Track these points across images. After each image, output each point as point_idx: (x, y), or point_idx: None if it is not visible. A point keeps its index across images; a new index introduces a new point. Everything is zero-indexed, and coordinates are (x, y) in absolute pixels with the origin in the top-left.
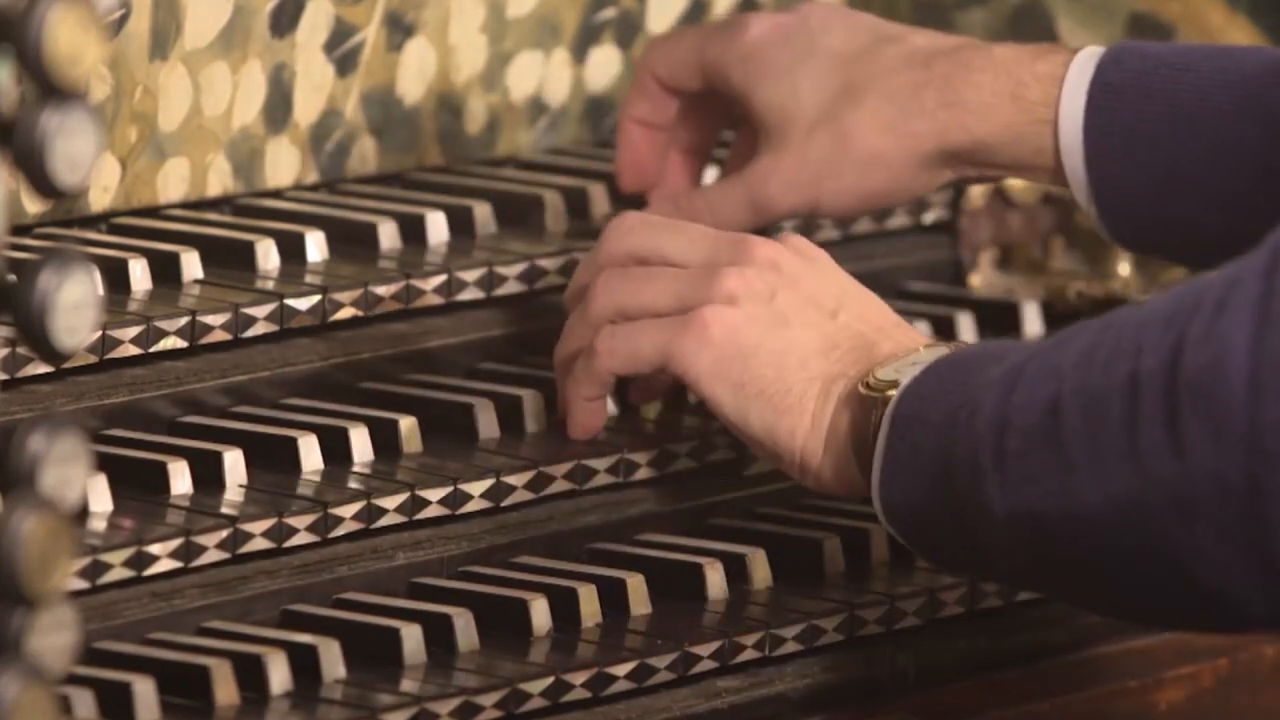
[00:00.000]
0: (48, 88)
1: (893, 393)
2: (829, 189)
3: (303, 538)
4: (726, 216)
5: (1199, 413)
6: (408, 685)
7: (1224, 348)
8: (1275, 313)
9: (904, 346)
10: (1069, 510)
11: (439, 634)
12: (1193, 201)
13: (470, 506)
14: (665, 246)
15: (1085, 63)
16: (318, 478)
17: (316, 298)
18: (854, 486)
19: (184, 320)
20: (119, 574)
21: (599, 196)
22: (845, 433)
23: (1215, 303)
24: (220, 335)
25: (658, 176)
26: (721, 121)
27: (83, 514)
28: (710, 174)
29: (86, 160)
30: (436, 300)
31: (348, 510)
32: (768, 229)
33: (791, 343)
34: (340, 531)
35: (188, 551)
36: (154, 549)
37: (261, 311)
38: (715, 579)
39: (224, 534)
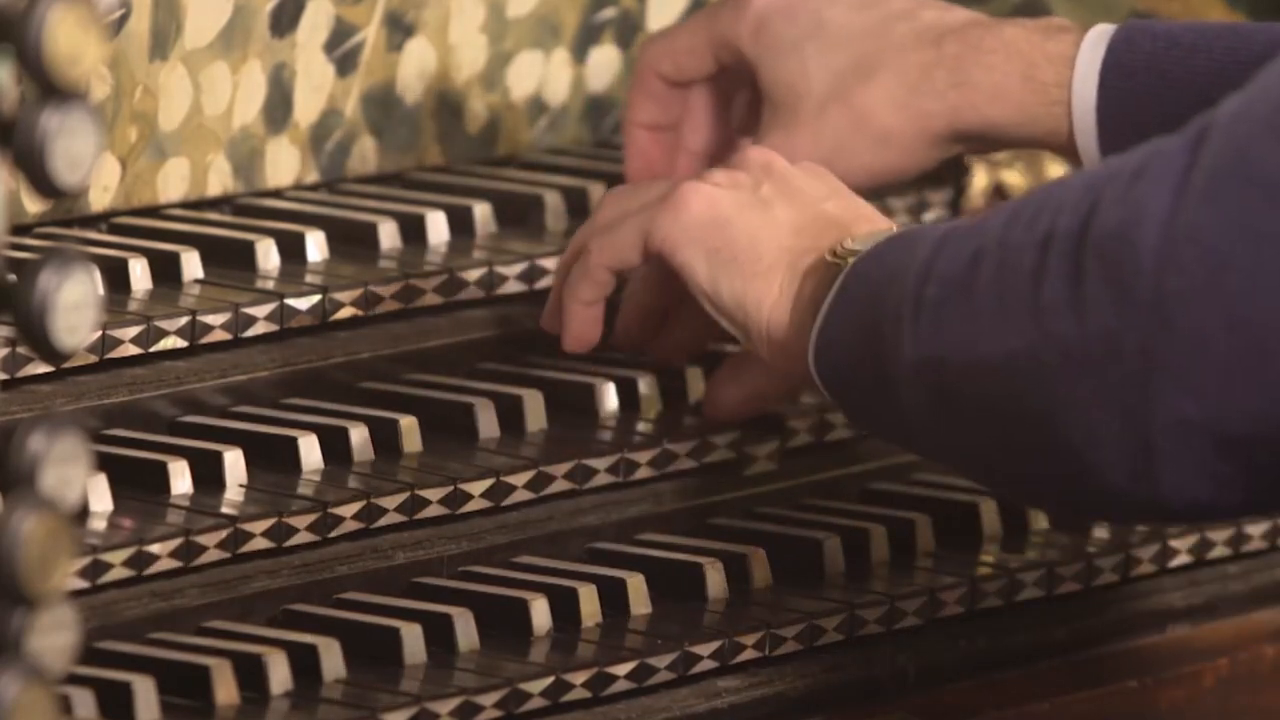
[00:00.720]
0: (48, 88)
1: (852, 258)
2: (841, 167)
3: (303, 537)
4: None
5: (1102, 274)
6: (408, 685)
7: (1136, 214)
8: (1195, 185)
9: (879, 226)
10: (968, 358)
11: (439, 634)
12: None
13: (470, 506)
14: (647, 192)
15: (1096, 42)
16: (318, 477)
17: (316, 297)
18: (805, 356)
19: (184, 320)
20: (119, 574)
21: (599, 196)
22: (806, 306)
23: (1133, 169)
24: (220, 335)
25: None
26: (727, 117)
27: (83, 514)
28: None
29: (86, 160)
30: (436, 300)
31: (348, 510)
32: None
33: (769, 219)
34: (340, 531)
35: (188, 551)
36: (154, 549)
37: (261, 311)
38: (715, 579)
39: (224, 534)
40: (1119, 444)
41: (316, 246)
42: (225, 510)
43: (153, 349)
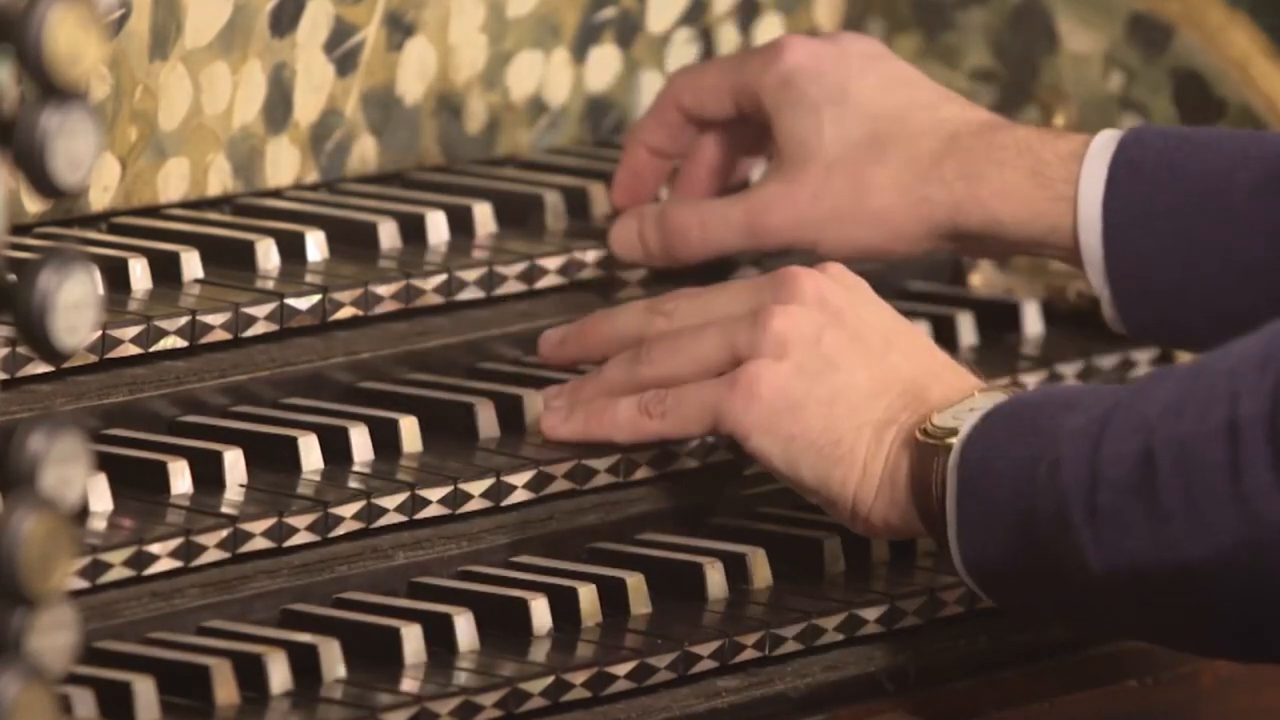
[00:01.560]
0: (48, 87)
1: (952, 440)
2: (832, 235)
3: (303, 537)
4: (716, 235)
5: None
6: (408, 685)
7: None
8: None
9: (956, 389)
10: (1170, 560)
11: (439, 634)
12: (1212, 279)
13: (470, 506)
14: (712, 307)
15: (1106, 141)
16: (318, 477)
17: (316, 297)
18: (912, 531)
19: (184, 320)
20: (119, 574)
21: (599, 196)
22: (904, 481)
23: None
24: (220, 335)
25: (648, 200)
26: (728, 167)
27: (83, 514)
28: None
29: (86, 160)
30: (436, 300)
31: (348, 510)
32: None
33: (839, 389)
34: (340, 531)
35: (188, 551)
36: (154, 549)
37: (261, 311)
38: (715, 579)
39: (224, 534)
40: None
41: (316, 246)
42: (225, 510)
43: (153, 349)
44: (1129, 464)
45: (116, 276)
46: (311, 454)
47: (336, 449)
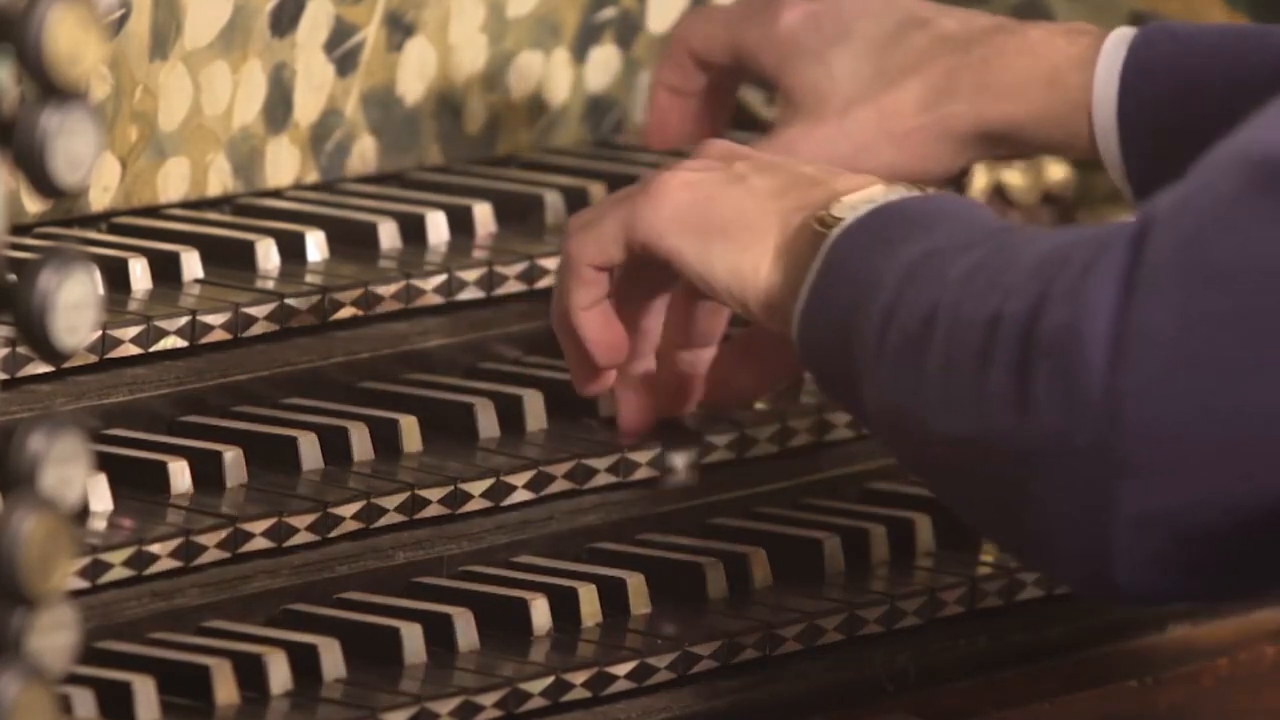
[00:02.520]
0: (48, 87)
1: (836, 228)
2: (863, 164)
3: (303, 537)
4: None
5: (1050, 370)
6: (408, 685)
7: (1084, 312)
8: (1141, 283)
9: (866, 182)
10: (921, 423)
11: (439, 634)
12: None
13: (470, 506)
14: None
15: (1117, 45)
16: (318, 477)
17: (316, 297)
18: None
19: (184, 320)
20: (119, 573)
21: (599, 196)
22: (798, 262)
23: (1082, 264)
24: (220, 335)
25: (681, 139)
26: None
27: (83, 514)
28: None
29: (86, 160)
30: (436, 300)
31: (348, 510)
32: None
33: (750, 189)
34: (340, 531)
35: (188, 551)
36: (154, 548)
37: (261, 311)
38: (715, 579)
39: (224, 533)
40: (1075, 534)
41: (316, 246)
42: (225, 510)
43: (153, 349)
44: (918, 317)
45: (116, 276)
46: (311, 454)
47: (336, 449)
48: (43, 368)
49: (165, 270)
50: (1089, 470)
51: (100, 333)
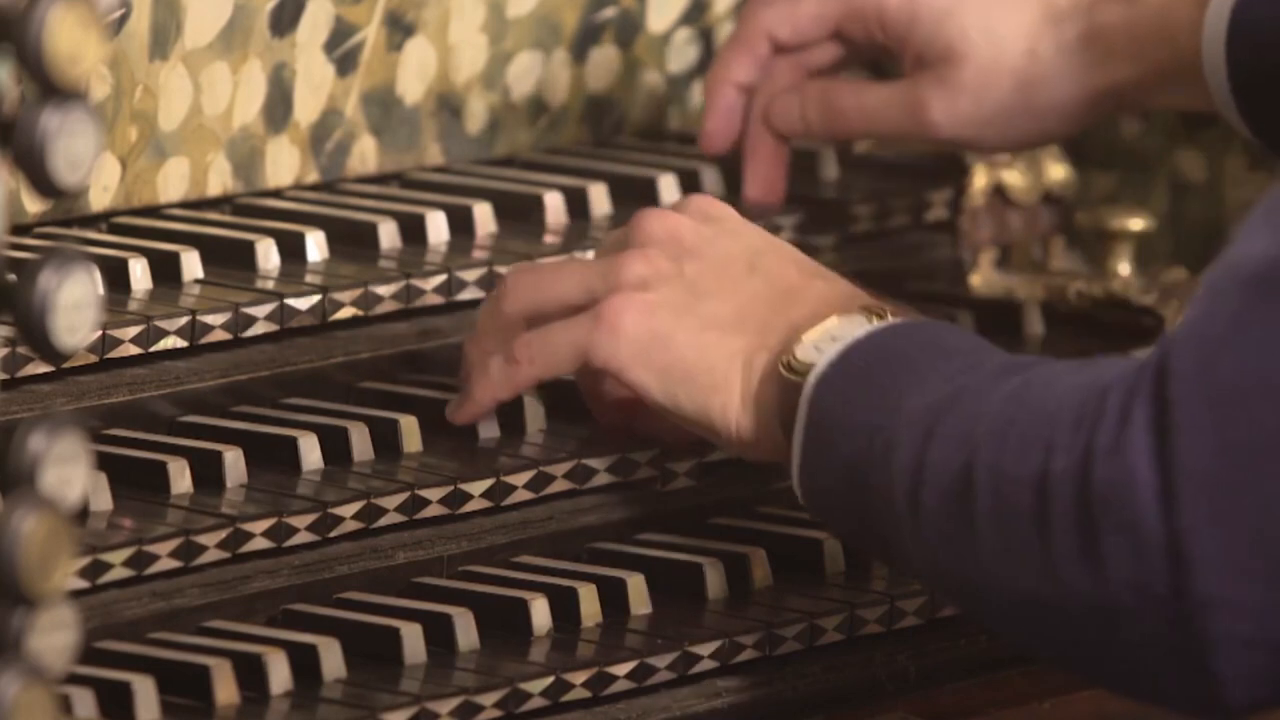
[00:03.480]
0: (48, 87)
1: (809, 377)
2: (994, 132)
3: (303, 537)
4: (878, 125)
5: (1113, 526)
6: (408, 685)
7: (1131, 463)
8: (1172, 424)
9: (824, 304)
10: (984, 584)
11: (439, 634)
12: None
13: (470, 506)
14: (559, 283)
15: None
16: (318, 477)
17: (316, 297)
18: (786, 458)
19: (184, 320)
20: (119, 574)
21: (599, 196)
22: (772, 411)
23: (1119, 413)
24: (220, 335)
25: (741, 138)
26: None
27: (83, 514)
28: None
29: (86, 160)
30: (436, 300)
31: (348, 510)
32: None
33: (707, 319)
34: (340, 531)
35: (188, 551)
36: (154, 548)
37: (261, 311)
38: (715, 579)
39: (224, 533)
40: (1177, 675)
41: (316, 246)
42: (225, 510)
43: (153, 349)
44: (951, 475)
45: (116, 276)
46: (311, 454)
47: (336, 449)
48: (43, 368)
49: (165, 270)
50: (1174, 614)
51: (100, 333)
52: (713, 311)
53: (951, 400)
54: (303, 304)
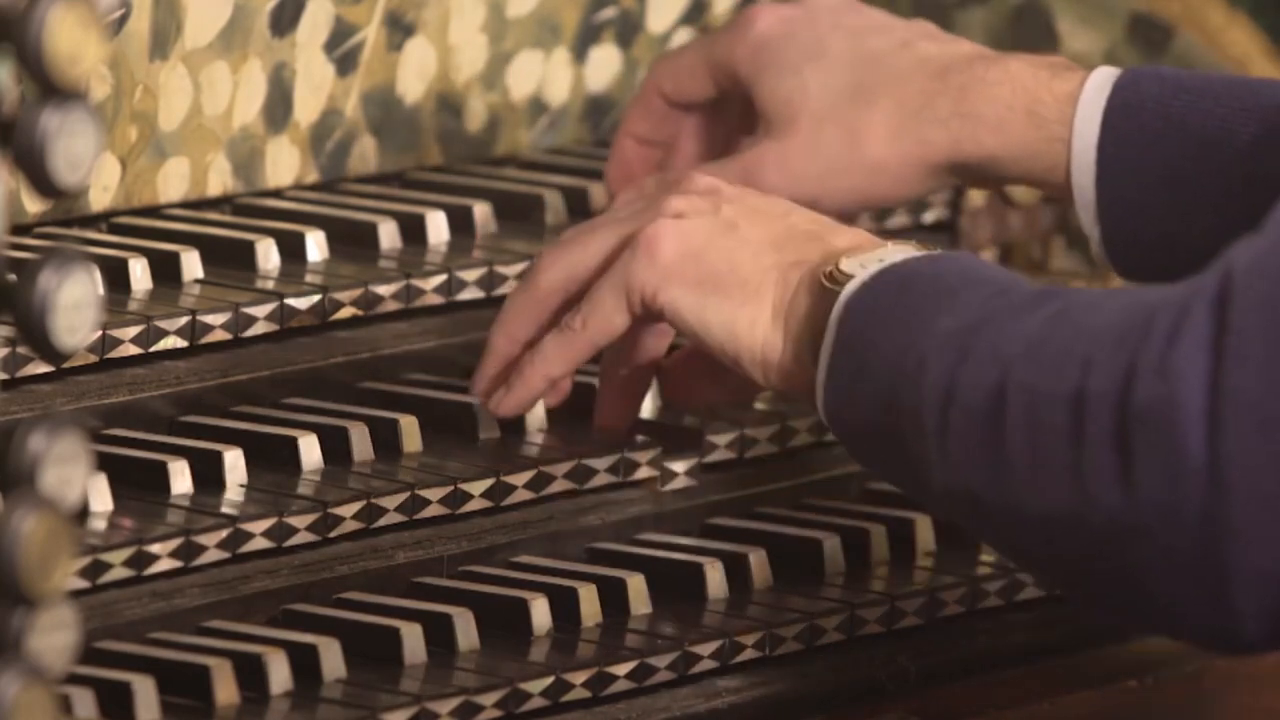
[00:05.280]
0: (48, 87)
1: (846, 290)
2: (831, 186)
3: (303, 537)
4: None
5: (1151, 445)
6: (408, 685)
7: (1177, 383)
8: (1230, 349)
9: (862, 244)
10: (1007, 504)
11: (439, 633)
12: (1206, 231)
13: (470, 506)
14: (593, 239)
15: (1102, 83)
16: (318, 477)
17: (317, 297)
18: (809, 383)
19: (184, 320)
20: (119, 573)
21: (599, 196)
22: (802, 321)
23: (1167, 333)
24: (220, 335)
25: None
26: (715, 148)
27: (83, 514)
28: None
29: (86, 160)
30: (436, 300)
31: (348, 510)
32: None
33: (743, 239)
34: (340, 531)
35: (188, 551)
36: (154, 548)
37: (262, 311)
38: (715, 579)
39: (224, 533)
40: (1195, 602)
41: (316, 246)
42: (225, 510)
43: (153, 349)
44: (982, 394)
45: (116, 276)
46: (311, 454)
47: (336, 449)
48: (43, 368)
49: (165, 270)
50: (1200, 539)
51: (100, 333)
52: (748, 234)
53: (985, 322)
54: (303, 304)
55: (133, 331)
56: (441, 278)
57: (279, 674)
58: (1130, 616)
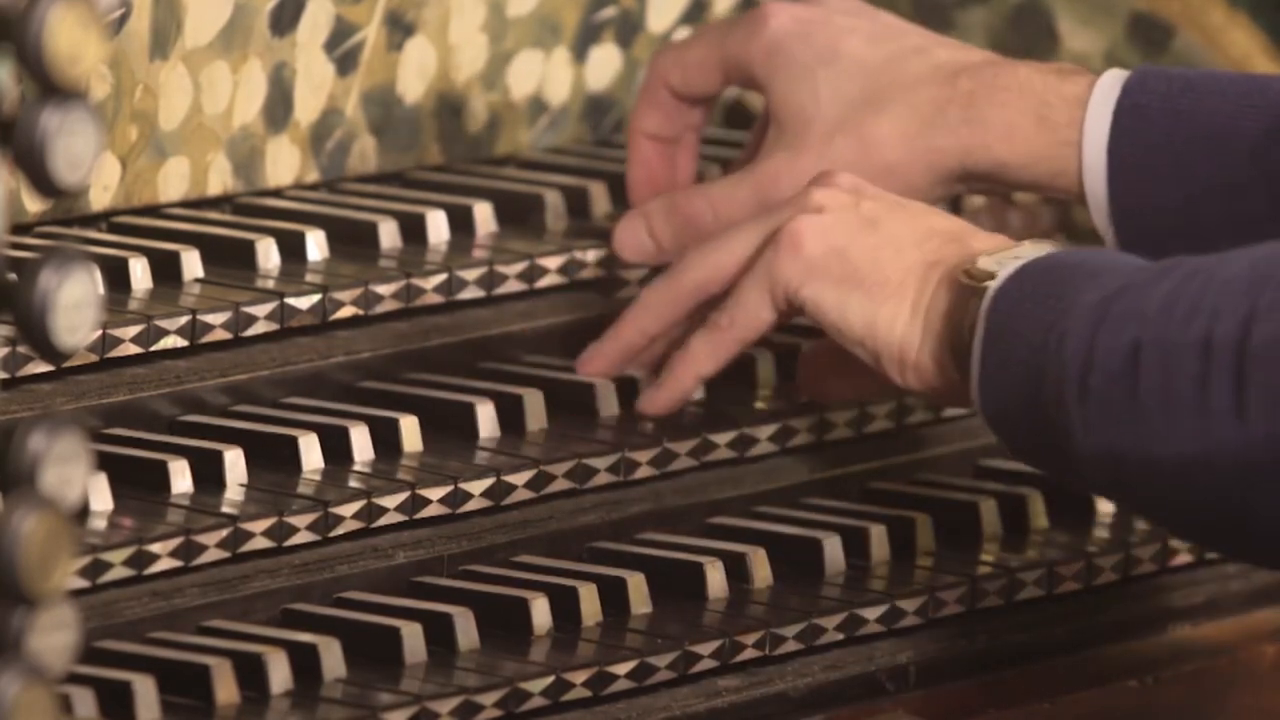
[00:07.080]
0: (48, 87)
1: (990, 284)
2: None
3: (303, 537)
4: (728, 215)
5: (1263, 382)
6: (408, 684)
7: None
8: None
9: (1002, 244)
10: (1142, 455)
11: (439, 633)
12: (1216, 226)
13: (470, 505)
14: (736, 241)
15: (1110, 85)
16: (318, 477)
17: (317, 297)
18: (949, 381)
19: (184, 319)
20: (119, 573)
21: (599, 196)
22: (941, 320)
23: None
24: (220, 334)
25: (670, 188)
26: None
27: (83, 513)
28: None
29: (87, 159)
30: (436, 300)
31: (348, 509)
32: None
33: (885, 237)
34: (340, 531)
35: (188, 551)
36: (154, 548)
37: (262, 310)
38: (715, 579)
39: (224, 533)
40: None
41: (316, 246)
42: (225, 510)
43: (153, 348)
44: (1120, 354)
45: (116, 276)
46: (311, 454)
47: (336, 449)
48: (43, 367)
49: (165, 270)
50: None
51: (100, 332)
52: (889, 232)
53: (1124, 290)
54: (303, 303)
55: (133, 331)
56: (441, 277)
57: (279, 674)
58: (1260, 560)
